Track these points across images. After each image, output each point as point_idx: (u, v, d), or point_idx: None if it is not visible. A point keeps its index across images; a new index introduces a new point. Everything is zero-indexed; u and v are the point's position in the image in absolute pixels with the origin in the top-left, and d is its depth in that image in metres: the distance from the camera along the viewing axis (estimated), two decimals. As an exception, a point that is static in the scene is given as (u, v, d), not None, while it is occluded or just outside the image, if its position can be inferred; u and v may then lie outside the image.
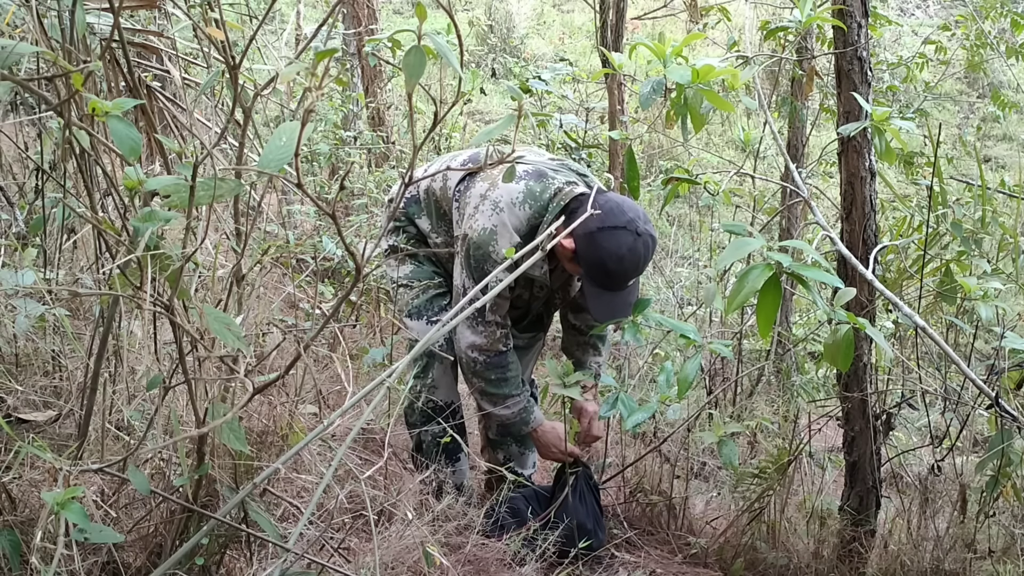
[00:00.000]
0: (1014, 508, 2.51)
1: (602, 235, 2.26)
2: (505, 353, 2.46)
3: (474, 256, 2.38)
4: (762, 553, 2.61)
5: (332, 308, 1.53)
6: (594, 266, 2.30)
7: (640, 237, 2.28)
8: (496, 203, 2.36)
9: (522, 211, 2.35)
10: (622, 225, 2.27)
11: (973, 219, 2.50)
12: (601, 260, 2.27)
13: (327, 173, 4.54)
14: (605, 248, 2.26)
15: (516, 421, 2.53)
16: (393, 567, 1.92)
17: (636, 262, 2.29)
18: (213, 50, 2.30)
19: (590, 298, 2.34)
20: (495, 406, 2.51)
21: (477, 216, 2.38)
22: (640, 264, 2.30)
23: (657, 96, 2.09)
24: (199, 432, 1.47)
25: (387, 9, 9.63)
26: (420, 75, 1.34)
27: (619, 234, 2.26)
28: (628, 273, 2.30)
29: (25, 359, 1.88)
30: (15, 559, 1.40)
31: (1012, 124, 9.27)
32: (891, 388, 2.72)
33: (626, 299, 2.36)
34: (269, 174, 1.35)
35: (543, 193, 2.37)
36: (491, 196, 2.37)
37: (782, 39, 3.70)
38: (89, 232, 2.10)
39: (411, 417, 2.61)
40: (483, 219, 2.36)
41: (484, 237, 2.35)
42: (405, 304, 2.59)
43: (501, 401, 2.50)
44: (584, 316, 2.71)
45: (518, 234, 2.35)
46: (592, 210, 2.13)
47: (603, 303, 2.34)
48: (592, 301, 2.34)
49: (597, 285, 2.32)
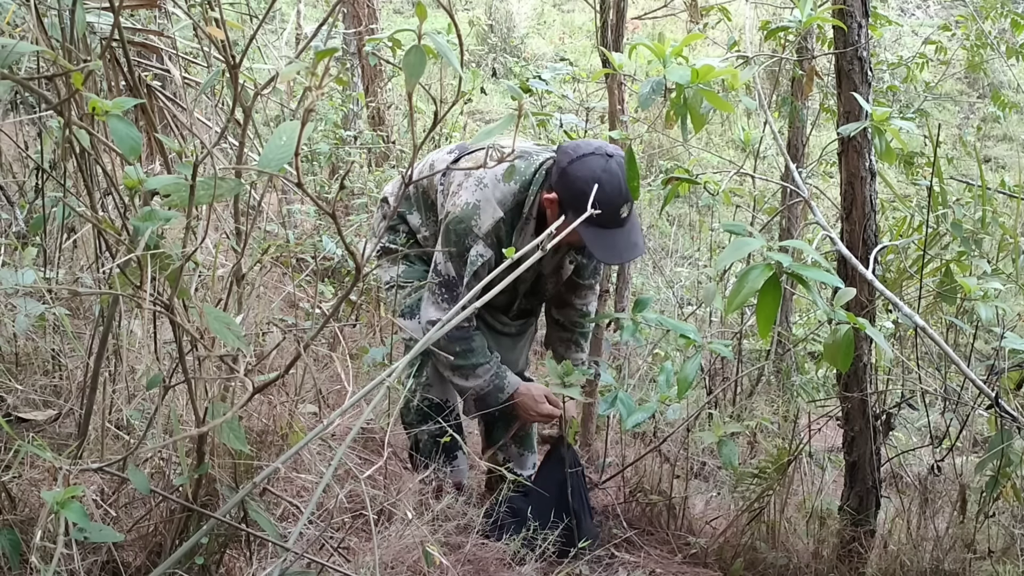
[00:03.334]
0: (1014, 508, 2.51)
1: (573, 167, 2.27)
2: (467, 328, 2.42)
3: (455, 230, 2.36)
4: (762, 553, 2.61)
5: (332, 308, 1.53)
6: (576, 199, 2.24)
7: (612, 158, 2.28)
8: (480, 179, 2.36)
9: (507, 186, 2.35)
10: (590, 152, 2.28)
11: (973, 219, 2.49)
12: (580, 191, 2.23)
13: (327, 173, 4.54)
14: (580, 177, 2.25)
15: (491, 389, 2.48)
16: (393, 567, 1.92)
17: (616, 184, 2.25)
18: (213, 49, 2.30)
19: (591, 243, 2.27)
20: (466, 379, 2.46)
21: (461, 192, 2.37)
22: (622, 188, 2.25)
23: (657, 96, 2.09)
24: (199, 431, 1.47)
25: (387, 9, 9.62)
26: (420, 75, 1.34)
27: (589, 160, 2.27)
28: (612, 199, 2.25)
29: (25, 358, 1.88)
30: (15, 558, 1.40)
31: (1012, 124, 9.26)
32: (891, 388, 2.72)
33: (629, 238, 2.32)
34: (269, 173, 1.35)
35: (527, 169, 2.37)
36: (475, 173, 2.37)
37: (782, 39, 3.69)
38: (89, 231, 2.10)
39: (407, 416, 2.61)
40: (466, 195, 2.36)
41: (467, 212, 2.34)
42: (398, 304, 2.61)
43: (471, 372, 2.45)
44: (568, 311, 2.70)
45: (502, 208, 2.34)
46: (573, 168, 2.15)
47: (605, 244, 2.28)
48: (594, 245, 2.27)
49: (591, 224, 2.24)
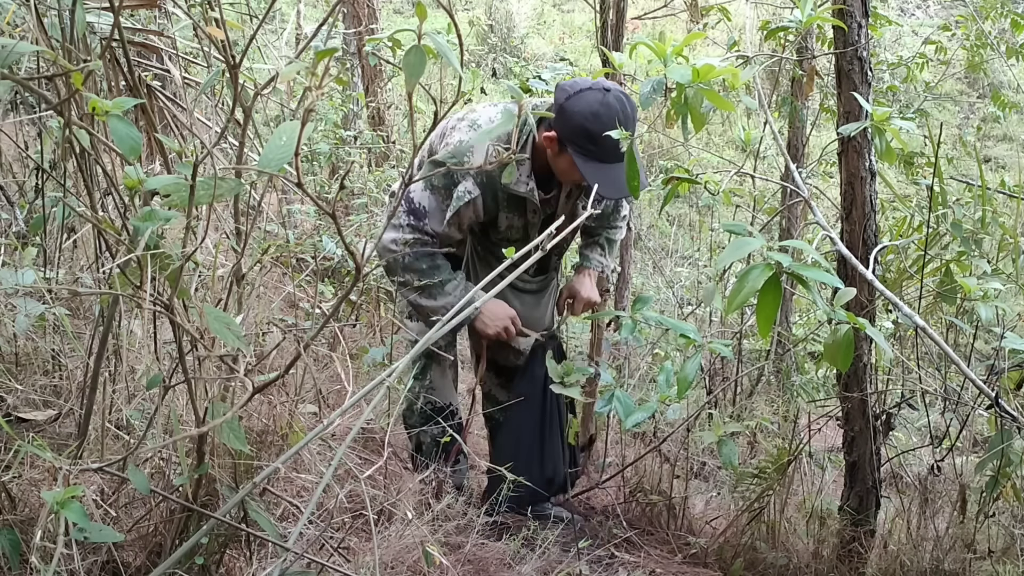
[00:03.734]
0: (1014, 508, 2.51)
1: (570, 102, 2.27)
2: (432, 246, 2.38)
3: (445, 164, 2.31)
4: (762, 553, 2.61)
5: (332, 308, 1.53)
6: (576, 135, 2.25)
7: (609, 92, 2.28)
8: (474, 122, 2.37)
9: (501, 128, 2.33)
10: (587, 87, 2.29)
11: (973, 219, 2.49)
12: (579, 125, 2.24)
13: (327, 173, 4.54)
14: (579, 111, 2.25)
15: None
16: (393, 567, 1.92)
17: (613, 117, 2.24)
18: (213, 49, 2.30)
19: (591, 177, 2.26)
20: (435, 299, 2.40)
21: (453, 134, 2.37)
22: (619, 119, 2.24)
23: (657, 96, 2.09)
24: (199, 431, 1.47)
25: (387, 9, 9.62)
26: (420, 75, 1.34)
27: (586, 95, 2.27)
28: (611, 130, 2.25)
29: (25, 358, 1.88)
30: (15, 558, 1.40)
31: (1012, 124, 9.26)
32: (891, 388, 2.72)
33: None
34: (269, 173, 1.35)
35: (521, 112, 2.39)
36: (469, 117, 2.38)
37: (782, 39, 3.69)
38: (89, 231, 2.10)
39: (410, 419, 2.60)
40: (459, 135, 2.36)
41: (460, 149, 2.33)
42: (406, 305, 2.58)
43: (439, 290, 2.40)
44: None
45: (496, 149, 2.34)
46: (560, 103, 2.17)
47: (606, 178, 2.26)
48: (594, 180, 2.24)
49: (591, 158, 2.26)
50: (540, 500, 2.59)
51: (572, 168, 2.29)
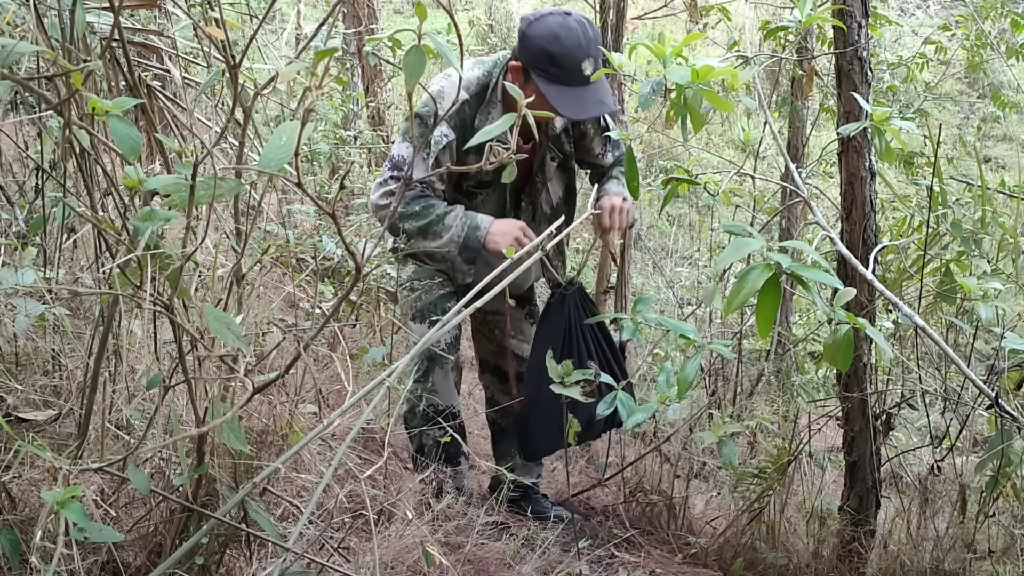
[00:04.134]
0: (1014, 508, 2.51)
1: (531, 28, 2.30)
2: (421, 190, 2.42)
3: (419, 114, 2.37)
4: (762, 553, 2.61)
5: (332, 308, 1.53)
6: (538, 59, 2.28)
7: (570, 16, 2.30)
8: (448, 74, 2.44)
9: (472, 72, 2.39)
10: (547, 13, 2.31)
11: (973, 219, 2.49)
12: (541, 48, 2.26)
13: (327, 173, 4.54)
14: (539, 35, 2.27)
15: (468, 232, 2.40)
16: (393, 567, 1.92)
17: (576, 39, 2.25)
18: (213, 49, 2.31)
19: (554, 100, 2.26)
20: (440, 236, 2.40)
21: (430, 87, 2.40)
22: (582, 41, 2.25)
23: (657, 96, 2.09)
24: (199, 431, 1.47)
25: (387, 9, 9.63)
26: (420, 75, 1.34)
27: (547, 19, 2.30)
28: (574, 54, 2.26)
29: (25, 358, 1.88)
30: (15, 558, 1.40)
31: (1012, 124, 9.26)
32: (891, 388, 2.72)
33: (597, 96, 2.31)
34: (269, 173, 1.35)
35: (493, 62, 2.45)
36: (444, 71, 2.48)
37: (782, 39, 3.70)
38: (89, 231, 2.10)
39: (411, 422, 2.59)
40: (434, 86, 2.41)
41: (433, 95, 2.38)
42: (409, 307, 2.56)
43: (440, 225, 2.40)
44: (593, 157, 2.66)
45: (467, 92, 2.39)
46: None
47: (572, 100, 2.27)
48: (559, 103, 2.26)
49: (556, 82, 2.27)
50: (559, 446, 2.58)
51: (539, 97, 2.28)
